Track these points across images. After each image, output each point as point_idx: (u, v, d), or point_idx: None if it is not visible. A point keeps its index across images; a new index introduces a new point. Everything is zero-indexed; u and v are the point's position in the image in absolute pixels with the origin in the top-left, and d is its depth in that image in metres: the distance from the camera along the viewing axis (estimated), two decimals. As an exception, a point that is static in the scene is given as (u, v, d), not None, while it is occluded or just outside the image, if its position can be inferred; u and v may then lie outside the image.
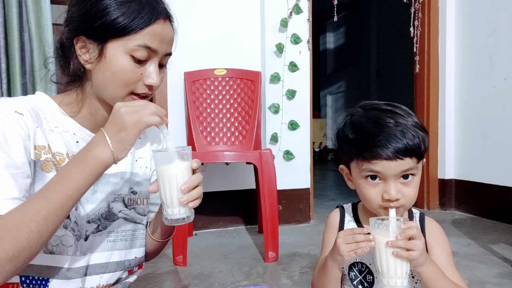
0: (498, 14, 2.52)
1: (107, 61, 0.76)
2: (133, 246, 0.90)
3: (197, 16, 2.39)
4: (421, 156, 0.78)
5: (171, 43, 0.82)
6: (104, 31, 0.75)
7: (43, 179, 0.75)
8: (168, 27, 0.80)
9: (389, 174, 0.77)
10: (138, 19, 0.75)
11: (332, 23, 7.60)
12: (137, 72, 0.77)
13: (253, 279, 1.62)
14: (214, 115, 2.27)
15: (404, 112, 0.80)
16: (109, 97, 0.79)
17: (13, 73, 1.91)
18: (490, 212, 2.54)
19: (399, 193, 0.78)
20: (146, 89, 0.79)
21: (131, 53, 0.76)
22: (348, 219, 0.91)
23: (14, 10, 1.91)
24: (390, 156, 0.75)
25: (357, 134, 0.80)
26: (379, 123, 0.78)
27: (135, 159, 0.92)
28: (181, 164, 0.74)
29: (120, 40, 0.75)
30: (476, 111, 2.69)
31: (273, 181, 1.86)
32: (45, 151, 0.76)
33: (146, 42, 0.76)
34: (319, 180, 4.48)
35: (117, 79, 0.77)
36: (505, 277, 1.60)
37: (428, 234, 0.84)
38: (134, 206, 0.90)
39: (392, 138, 0.76)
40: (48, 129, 0.79)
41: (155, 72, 0.79)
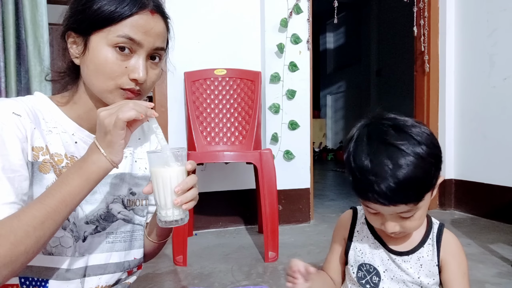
0: (498, 14, 2.52)
1: (90, 53, 0.75)
2: (132, 247, 0.90)
3: (197, 16, 2.39)
4: (418, 200, 0.74)
5: (160, 38, 0.78)
6: (85, 23, 0.75)
7: (41, 180, 0.75)
8: (155, 20, 0.77)
9: (384, 213, 0.77)
10: (119, 9, 0.73)
11: (332, 23, 7.59)
12: (120, 64, 0.75)
13: (253, 279, 1.62)
14: (214, 115, 2.27)
15: (411, 144, 0.72)
16: (97, 91, 0.77)
17: (9, 72, 1.91)
18: (489, 212, 2.55)
19: (397, 227, 0.78)
20: (132, 84, 0.76)
21: (114, 45, 0.74)
22: (361, 221, 0.91)
23: (10, 7, 1.90)
24: (382, 202, 0.73)
25: (354, 169, 0.76)
26: (376, 163, 0.72)
27: (134, 160, 0.91)
28: (175, 166, 0.73)
29: (102, 32, 0.74)
30: (476, 111, 2.69)
31: (273, 181, 1.86)
32: (43, 152, 0.76)
33: (128, 33, 0.74)
34: (319, 180, 4.49)
35: (100, 72, 0.75)
36: (504, 276, 1.60)
37: (444, 249, 0.82)
38: (133, 207, 0.90)
39: (385, 185, 0.71)
40: (47, 130, 0.78)
41: (141, 66, 0.75)
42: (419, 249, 0.84)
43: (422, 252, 0.84)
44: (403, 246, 0.85)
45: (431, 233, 0.84)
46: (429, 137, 0.75)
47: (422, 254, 0.84)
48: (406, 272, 0.84)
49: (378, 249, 0.86)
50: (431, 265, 0.83)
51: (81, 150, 0.81)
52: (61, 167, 0.78)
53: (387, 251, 0.86)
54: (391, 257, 0.85)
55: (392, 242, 0.86)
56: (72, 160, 0.80)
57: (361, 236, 0.89)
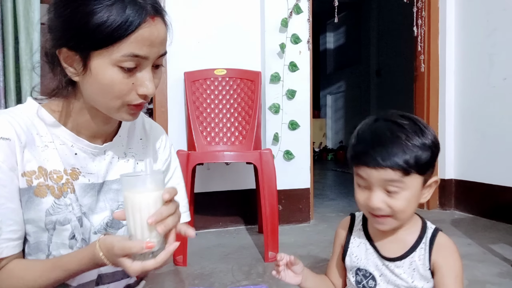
0: (498, 14, 2.52)
1: (93, 74, 0.70)
2: None
3: (197, 16, 2.39)
4: (406, 171, 0.76)
5: (164, 43, 0.73)
6: (84, 43, 0.68)
7: (39, 205, 0.73)
8: (157, 26, 0.71)
9: (373, 181, 0.78)
10: (123, 25, 0.66)
11: (332, 23, 7.59)
12: (127, 82, 0.70)
13: (253, 279, 1.62)
14: (214, 115, 2.27)
15: (413, 127, 0.79)
16: (102, 108, 0.74)
17: (7, 71, 1.91)
18: (489, 212, 2.54)
19: (382, 203, 0.78)
20: (141, 99, 0.73)
21: (118, 64, 0.68)
22: (358, 227, 0.93)
23: (9, 6, 1.90)
24: (371, 164, 0.77)
25: (355, 141, 0.83)
26: (376, 133, 0.80)
27: (136, 162, 0.87)
28: (150, 193, 0.66)
29: (104, 51, 0.68)
30: (476, 111, 2.69)
31: (273, 181, 1.86)
32: (36, 176, 0.73)
33: (133, 50, 0.68)
34: (319, 180, 4.48)
35: (107, 93, 0.71)
36: (504, 276, 1.60)
37: (435, 253, 0.83)
38: None
39: (378, 147, 0.77)
40: (42, 146, 0.75)
41: (148, 79, 0.72)
42: (411, 253, 0.84)
43: (414, 257, 0.84)
44: (395, 251, 0.86)
45: (424, 237, 0.85)
46: (432, 131, 0.81)
47: (414, 259, 0.84)
48: (400, 277, 0.84)
49: (372, 255, 0.88)
50: (423, 269, 0.83)
51: (82, 161, 0.79)
52: (61, 184, 0.76)
53: (380, 257, 0.86)
54: (384, 263, 0.86)
55: (385, 248, 0.87)
56: (74, 172, 0.78)
57: (357, 242, 0.91)
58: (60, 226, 0.75)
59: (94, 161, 0.81)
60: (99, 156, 0.81)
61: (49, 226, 0.74)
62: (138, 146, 0.89)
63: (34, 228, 0.74)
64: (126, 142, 0.87)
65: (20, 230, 0.72)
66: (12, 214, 0.71)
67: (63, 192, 0.75)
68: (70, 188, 0.77)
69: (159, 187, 0.67)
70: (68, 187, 0.76)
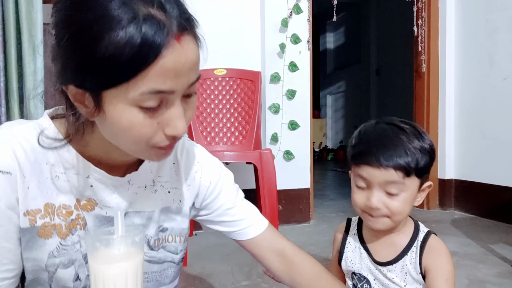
0: (497, 14, 2.52)
1: (107, 116, 0.56)
2: (162, 285, 0.79)
3: (197, 16, 2.39)
4: (408, 172, 0.78)
5: (196, 67, 0.57)
6: (90, 82, 0.54)
7: (42, 246, 0.65)
8: (185, 49, 0.54)
9: (374, 181, 0.79)
10: (134, 60, 0.51)
11: (332, 23, 7.59)
12: (151, 123, 0.56)
13: (253, 279, 1.62)
14: (214, 115, 2.27)
15: (414, 131, 0.81)
16: (126, 150, 0.62)
17: (10, 73, 1.91)
18: (489, 212, 2.54)
19: (380, 203, 0.79)
20: (169, 140, 0.59)
21: (138, 104, 0.54)
22: (353, 232, 0.93)
23: (11, 6, 1.90)
24: (375, 164, 0.77)
25: (357, 141, 0.83)
26: (378, 134, 0.81)
27: (167, 191, 0.76)
28: (118, 264, 0.51)
29: (117, 90, 0.53)
30: (476, 111, 2.69)
31: (273, 181, 1.86)
32: (41, 215, 0.64)
33: (154, 86, 0.53)
34: (319, 180, 4.48)
35: (127, 136, 0.58)
36: (504, 276, 1.60)
37: (426, 256, 0.83)
38: (164, 244, 0.77)
39: (382, 148, 0.78)
40: (52, 177, 0.65)
41: (177, 117, 0.57)
42: (402, 257, 0.84)
43: (406, 260, 0.84)
44: (387, 255, 0.86)
45: (416, 241, 0.85)
46: (431, 143, 0.82)
47: (405, 262, 0.84)
48: (392, 281, 0.85)
49: (366, 259, 0.89)
50: (415, 273, 0.83)
51: (99, 193, 0.68)
52: (70, 220, 0.67)
53: (373, 261, 0.87)
54: (377, 268, 0.87)
55: (378, 253, 0.87)
56: (89, 203, 0.68)
57: (352, 247, 0.92)
58: (62, 269, 0.67)
59: (114, 193, 0.69)
60: (120, 187, 0.70)
61: (50, 269, 0.67)
62: (171, 172, 0.77)
63: (34, 267, 0.66)
64: (156, 168, 0.75)
65: (17, 268, 0.66)
66: (9, 253, 0.63)
67: (71, 229, 0.67)
68: (80, 224, 0.67)
69: (134, 253, 0.52)
70: (78, 223, 0.67)
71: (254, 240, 0.83)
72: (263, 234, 0.83)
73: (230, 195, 0.83)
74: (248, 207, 0.85)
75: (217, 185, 0.82)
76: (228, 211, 0.83)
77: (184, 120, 0.58)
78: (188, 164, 0.79)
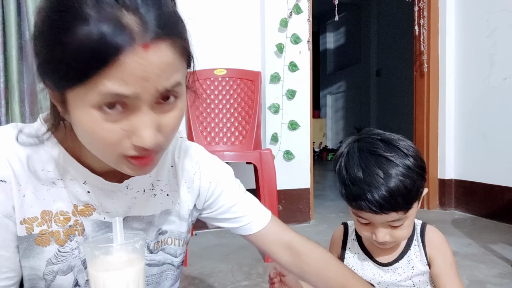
0: (498, 14, 2.52)
1: (72, 116, 0.54)
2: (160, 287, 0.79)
3: (197, 16, 2.39)
4: (408, 208, 0.78)
5: (168, 73, 0.52)
6: (53, 77, 0.53)
7: (40, 253, 0.64)
8: (153, 53, 0.50)
9: (376, 222, 0.80)
10: (91, 58, 0.48)
11: (332, 23, 7.59)
12: (115, 130, 0.52)
13: (253, 279, 1.62)
14: (214, 115, 2.27)
15: (399, 156, 0.78)
16: (101, 159, 0.59)
17: (10, 73, 1.91)
18: (490, 212, 2.54)
19: (387, 236, 0.80)
20: (137, 151, 0.55)
21: (97, 106, 0.51)
22: (352, 237, 0.93)
23: (12, 8, 1.89)
24: (374, 210, 0.76)
25: (347, 180, 0.80)
26: (368, 173, 0.77)
27: (166, 194, 0.75)
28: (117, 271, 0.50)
29: (78, 90, 0.51)
30: (476, 111, 2.69)
31: (273, 181, 1.86)
32: (37, 223, 0.63)
33: (111, 88, 0.49)
34: (319, 180, 4.48)
35: (92, 140, 0.55)
36: (505, 277, 1.60)
37: (428, 246, 0.85)
38: (163, 247, 0.76)
39: (377, 193, 0.75)
40: (48, 183, 0.63)
41: (143, 125, 0.52)
42: (406, 252, 0.86)
43: (411, 255, 0.85)
44: (391, 256, 0.87)
45: (415, 234, 0.87)
46: (414, 150, 0.80)
47: (411, 257, 0.85)
48: (399, 278, 0.86)
49: (369, 264, 0.89)
50: (421, 265, 0.85)
51: (96, 199, 0.67)
52: (68, 227, 0.66)
53: (377, 265, 0.88)
54: (382, 269, 0.87)
55: (381, 255, 0.88)
56: (87, 208, 0.67)
57: (352, 253, 0.92)
58: (61, 276, 0.66)
59: (112, 198, 0.68)
60: (119, 192, 0.69)
61: (48, 277, 0.66)
62: (169, 176, 0.76)
63: (30, 276, 0.66)
64: (154, 172, 0.73)
65: (17, 276, 0.65)
66: (7, 262, 0.63)
67: (69, 236, 0.66)
68: (79, 230, 0.67)
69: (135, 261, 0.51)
70: (76, 229, 0.66)
71: (260, 234, 0.82)
72: (267, 228, 0.82)
73: (231, 193, 0.82)
74: (250, 202, 0.84)
75: (218, 185, 0.81)
76: (231, 209, 0.82)
77: (150, 129, 0.53)
78: (186, 166, 0.78)
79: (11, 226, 0.62)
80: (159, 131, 0.55)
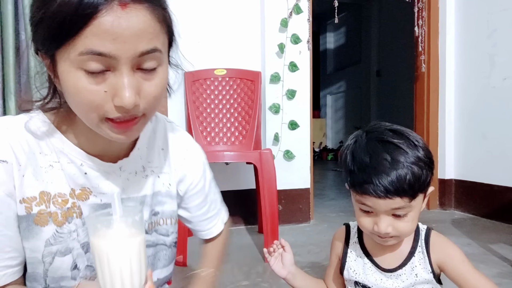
0: (498, 14, 2.52)
1: (60, 80, 0.59)
2: (155, 268, 0.80)
3: (197, 16, 2.39)
4: (413, 195, 0.77)
5: (145, 37, 0.56)
6: (41, 39, 0.58)
7: (38, 233, 0.66)
8: (131, 14, 0.54)
9: (379, 210, 0.78)
10: (72, 17, 0.52)
11: (332, 23, 7.59)
12: (97, 90, 0.56)
13: (253, 279, 1.62)
14: (214, 115, 2.27)
15: (408, 144, 0.77)
16: (85, 122, 0.62)
17: (7, 74, 1.90)
18: (489, 212, 2.54)
19: (389, 227, 0.78)
20: (120, 112, 0.58)
21: (81, 66, 0.55)
22: (354, 240, 0.92)
23: (10, 8, 1.89)
24: (379, 194, 0.75)
25: (353, 166, 0.79)
26: (375, 158, 0.77)
27: (157, 176, 0.78)
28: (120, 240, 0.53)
29: (64, 51, 0.55)
30: (476, 111, 2.69)
31: (273, 181, 1.86)
32: (36, 203, 0.65)
33: (90, 46, 0.53)
34: (319, 180, 4.48)
35: (77, 103, 0.59)
36: (504, 276, 1.60)
37: (433, 253, 0.83)
38: (156, 228, 0.79)
39: (383, 177, 0.75)
40: (46, 166, 0.66)
41: (122, 86, 0.56)
42: (410, 259, 0.84)
43: (414, 262, 0.84)
44: (394, 261, 0.85)
45: (419, 240, 0.85)
46: (423, 142, 0.80)
47: (414, 264, 0.84)
48: (402, 285, 0.84)
49: (371, 269, 0.87)
50: (425, 272, 0.83)
51: (93, 180, 0.69)
52: (66, 209, 0.68)
53: (380, 270, 0.86)
54: (385, 275, 0.85)
55: (384, 260, 0.86)
56: (84, 192, 0.69)
57: (354, 257, 0.90)
58: (60, 257, 0.68)
59: (108, 179, 0.71)
60: (113, 173, 0.72)
61: (47, 259, 0.67)
62: (160, 158, 0.79)
63: (30, 259, 0.68)
64: (145, 154, 0.77)
65: (20, 256, 0.67)
66: (10, 241, 0.65)
67: (67, 218, 0.68)
68: (76, 212, 0.69)
69: (135, 232, 0.54)
70: (74, 211, 0.69)
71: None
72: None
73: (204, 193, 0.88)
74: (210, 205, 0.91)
75: (200, 181, 0.87)
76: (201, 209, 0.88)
77: (132, 92, 0.56)
78: (176, 150, 0.82)
79: (13, 205, 0.64)
80: (140, 95, 0.59)
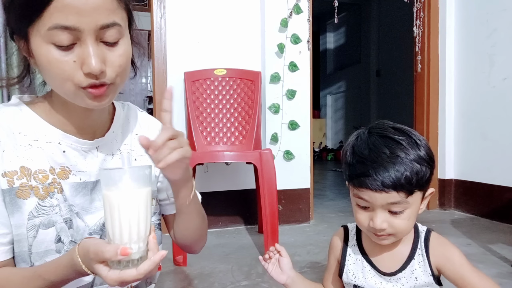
0: (498, 14, 2.52)
1: (35, 56, 0.65)
2: None
3: (197, 16, 2.39)
4: (410, 191, 0.76)
5: (103, 11, 0.62)
6: (13, 20, 0.64)
7: (22, 206, 0.69)
8: None
9: (375, 204, 0.77)
10: None
11: (332, 23, 7.59)
12: (67, 61, 0.63)
13: (253, 279, 1.62)
14: (214, 115, 2.27)
15: (410, 142, 0.77)
16: (63, 95, 0.68)
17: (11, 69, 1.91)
18: (489, 212, 2.54)
19: (385, 223, 0.78)
20: (91, 79, 0.64)
21: (51, 41, 0.61)
22: (352, 242, 0.91)
23: None
24: (375, 187, 0.75)
25: (352, 159, 0.80)
26: (374, 152, 0.77)
27: (134, 158, 0.83)
28: (131, 190, 0.59)
29: (35, 27, 0.62)
30: (476, 111, 2.69)
31: (273, 181, 1.86)
32: (17, 176, 0.69)
33: (57, 21, 0.60)
34: (319, 180, 4.49)
35: (52, 75, 0.65)
36: (504, 276, 1.60)
37: (433, 255, 0.83)
38: None
39: (381, 170, 0.75)
40: (25, 145, 0.70)
41: (88, 54, 0.62)
42: (410, 262, 0.84)
43: (414, 265, 0.83)
44: (393, 264, 0.85)
45: (418, 243, 0.84)
46: (426, 142, 0.79)
47: (414, 267, 0.83)
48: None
49: (370, 273, 0.86)
50: (425, 275, 0.83)
51: (72, 159, 0.74)
52: (47, 184, 0.71)
53: (379, 274, 0.85)
54: (384, 279, 0.85)
55: (382, 262, 0.86)
56: (63, 171, 0.73)
57: (353, 259, 0.90)
58: (43, 230, 0.71)
59: (86, 158, 0.76)
60: (90, 153, 0.76)
61: (30, 232, 0.70)
62: (135, 142, 0.84)
63: (16, 236, 0.70)
64: (120, 138, 0.82)
65: (9, 233, 0.69)
66: (0, 216, 0.68)
67: (49, 193, 0.71)
68: (57, 188, 0.72)
69: (143, 184, 0.60)
70: (55, 187, 0.72)
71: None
72: None
73: None
74: None
75: None
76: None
77: (98, 59, 0.63)
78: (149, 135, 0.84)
79: None
80: (106, 64, 0.65)
